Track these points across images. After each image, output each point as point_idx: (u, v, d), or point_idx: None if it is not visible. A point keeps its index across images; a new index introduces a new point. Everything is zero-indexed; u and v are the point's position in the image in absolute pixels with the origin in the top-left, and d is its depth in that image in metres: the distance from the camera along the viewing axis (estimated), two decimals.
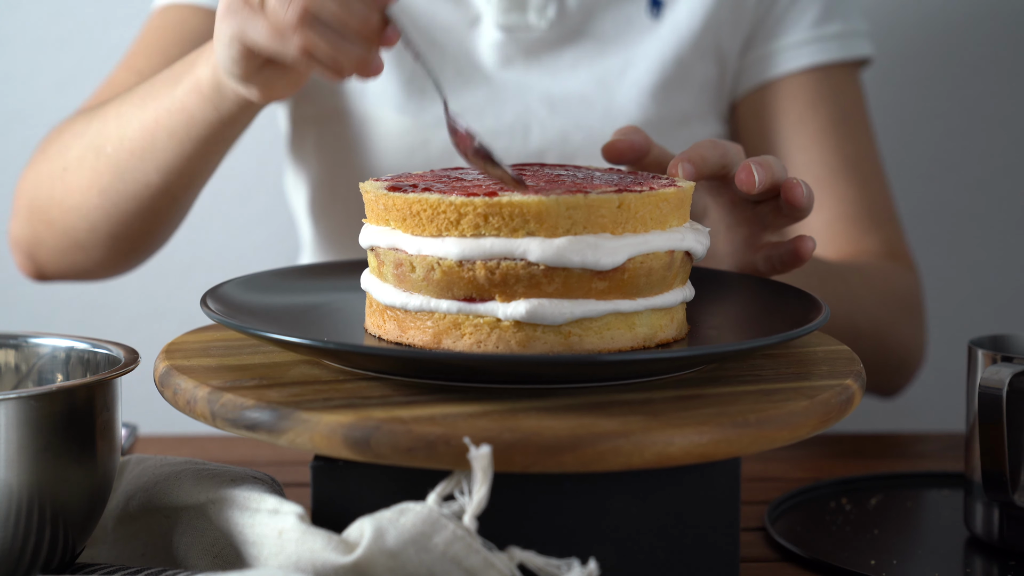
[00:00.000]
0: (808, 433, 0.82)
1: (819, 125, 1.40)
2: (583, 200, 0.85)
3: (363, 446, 0.78)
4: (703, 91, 1.41)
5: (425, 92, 1.37)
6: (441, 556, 0.76)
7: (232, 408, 0.82)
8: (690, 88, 1.41)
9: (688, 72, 1.40)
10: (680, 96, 1.40)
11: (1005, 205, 1.80)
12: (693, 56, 1.40)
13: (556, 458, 0.76)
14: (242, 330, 0.86)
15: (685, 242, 0.89)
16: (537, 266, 0.84)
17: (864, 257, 1.38)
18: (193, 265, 1.89)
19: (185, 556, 0.87)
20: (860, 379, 0.88)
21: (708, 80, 1.42)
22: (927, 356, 1.46)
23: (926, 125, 1.79)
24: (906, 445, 1.28)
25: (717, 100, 1.43)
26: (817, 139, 1.40)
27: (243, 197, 1.88)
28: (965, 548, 1.01)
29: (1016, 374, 0.96)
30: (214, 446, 1.25)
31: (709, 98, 1.42)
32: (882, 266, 1.37)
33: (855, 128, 1.42)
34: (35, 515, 0.83)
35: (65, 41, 1.83)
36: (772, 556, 0.99)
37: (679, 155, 0.97)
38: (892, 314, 1.35)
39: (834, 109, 1.41)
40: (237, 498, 0.83)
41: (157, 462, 0.90)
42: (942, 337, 1.70)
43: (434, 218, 0.86)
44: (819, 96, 1.41)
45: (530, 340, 0.85)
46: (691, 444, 0.78)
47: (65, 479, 0.83)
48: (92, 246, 1.26)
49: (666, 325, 0.89)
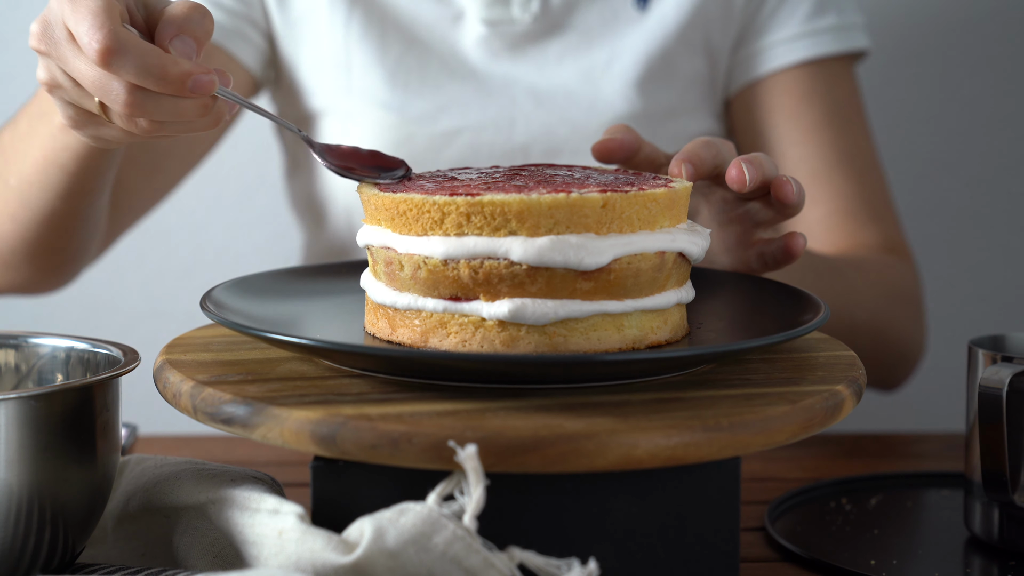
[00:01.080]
0: (787, 439, 0.81)
1: (813, 119, 1.40)
2: (565, 200, 0.85)
3: (329, 442, 0.78)
4: (692, 85, 1.41)
5: (409, 86, 1.38)
6: (441, 556, 0.76)
7: (211, 402, 0.83)
8: (677, 82, 1.40)
9: (674, 65, 1.40)
10: (666, 90, 1.40)
11: (1005, 205, 1.80)
12: (679, 49, 1.40)
13: (518, 458, 0.76)
14: (229, 325, 0.87)
15: (676, 243, 0.88)
16: (520, 266, 0.84)
17: (862, 251, 1.38)
18: (193, 265, 1.89)
19: (185, 556, 0.87)
20: (854, 385, 0.87)
21: (697, 74, 1.41)
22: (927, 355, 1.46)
23: (926, 124, 1.79)
24: (906, 445, 1.28)
25: (709, 95, 1.43)
26: (811, 133, 1.40)
27: (243, 197, 1.88)
28: (965, 548, 1.01)
29: (1016, 374, 0.96)
30: (214, 446, 1.25)
31: (699, 93, 1.42)
32: (880, 259, 1.37)
33: (850, 122, 1.42)
34: (35, 515, 0.83)
35: None
36: (772, 556, 0.99)
37: (677, 155, 0.97)
38: (891, 307, 1.35)
39: (828, 103, 1.41)
40: (237, 498, 0.83)
41: (157, 462, 0.90)
42: (942, 337, 1.70)
43: (419, 217, 0.86)
44: (813, 90, 1.41)
45: (514, 340, 0.85)
46: (656, 447, 0.77)
47: (65, 479, 0.83)
48: (16, 265, 1.30)
49: (659, 327, 0.89)
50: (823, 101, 1.40)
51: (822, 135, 1.40)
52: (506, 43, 1.39)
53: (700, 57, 1.41)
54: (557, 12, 1.39)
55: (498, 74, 1.38)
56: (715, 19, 1.41)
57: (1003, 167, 1.79)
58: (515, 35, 1.38)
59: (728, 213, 1.04)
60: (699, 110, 1.42)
